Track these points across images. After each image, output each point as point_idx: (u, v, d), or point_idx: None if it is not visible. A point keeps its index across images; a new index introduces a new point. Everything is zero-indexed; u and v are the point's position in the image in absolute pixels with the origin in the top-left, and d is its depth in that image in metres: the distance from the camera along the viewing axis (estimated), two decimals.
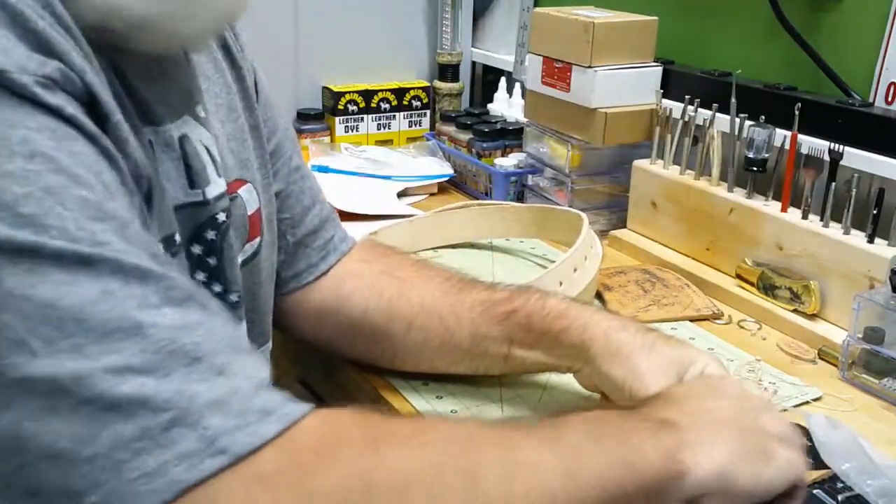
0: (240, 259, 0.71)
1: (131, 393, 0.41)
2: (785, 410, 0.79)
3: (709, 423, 0.56)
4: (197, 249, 0.64)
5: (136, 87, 0.58)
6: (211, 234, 0.65)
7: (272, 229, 0.76)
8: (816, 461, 0.70)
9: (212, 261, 0.65)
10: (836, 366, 0.87)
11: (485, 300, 0.76)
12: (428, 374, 0.83)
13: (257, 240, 0.73)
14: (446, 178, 1.38)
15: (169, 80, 0.62)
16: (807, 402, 0.81)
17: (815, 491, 0.67)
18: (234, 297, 0.68)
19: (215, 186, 0.65)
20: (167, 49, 0.59)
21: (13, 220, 0.42)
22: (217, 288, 0.66)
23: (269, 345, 0.78)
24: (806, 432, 0.74)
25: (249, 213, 0.71)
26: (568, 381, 0.80)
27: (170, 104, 0.62)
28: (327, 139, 1.52)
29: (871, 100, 1.03)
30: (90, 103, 0.49)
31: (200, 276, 0.65)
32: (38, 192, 0.43)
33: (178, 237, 0.60)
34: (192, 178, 0.63)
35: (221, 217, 0.65)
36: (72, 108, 0.46)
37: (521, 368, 0.78)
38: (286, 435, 0.45)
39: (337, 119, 1.52)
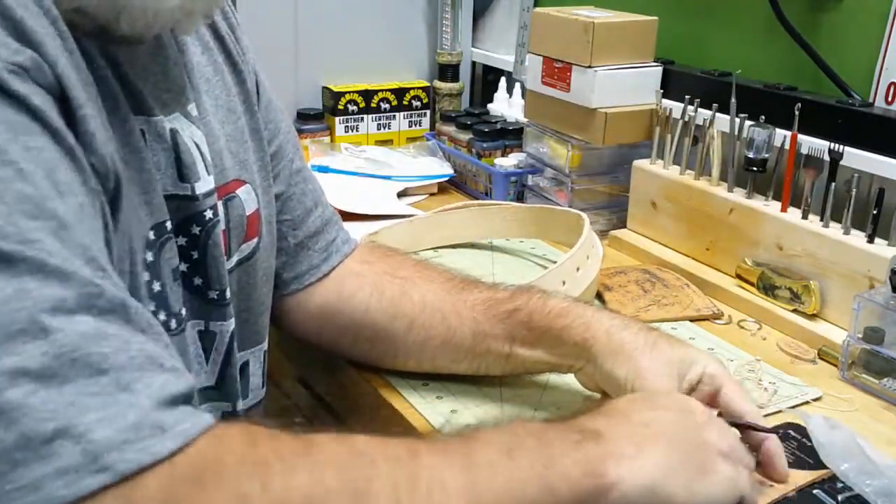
0: (235, 258, 0.71)
1: (18, 399, 0.39)
2: (779, 412, 0.79)
3: (641, 436, 0.54)
4: (181, 241, 0.64)
5: (131, 76, 0.58)
6: (196, 230, 0.65)
7: (271, 231, 0.76)
8: (815, 461, 0.70)
9: (194, 253, 0.66)
10: (836, 366, 0.87)
11: (487, 299, 0.77)
12: (428, 375, 0.83)
13: (255, 240, 0.73)
14: (446, 178, 1.38)
15: (164, 76, 0.63)
16: (807, 403, 0.81)
17: (815, 491, 0.68)
18: (214, 294, 0.67)
19: (204, 183, 0.65)
20: (150, 30, 0.58)
21: None
22: (197, 281, 0.66)
23: (264, 345, 0.78)
24: (804, 432, 0.74)
25: (248, 213, 0.71)
26: (568, 380, 0.80)
27: (163, 99, 0.62)
28: (327, 139, 1.52)
29: (871, 100, 1.03)
30: (60, 96, 0.48)
31: (183, 265, 0.65)
32: None
33: (169, 224, 0.61)
34: (182, 171, 0.63)
35: (209, 214, 0.65)
36: (38, 100, 0.46)
37: (523, 368, 0.78)
38: (174, 459, 0.42)
39: (337, 119, 1.52)
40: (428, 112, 1.61)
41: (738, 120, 1.04)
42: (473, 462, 0.49)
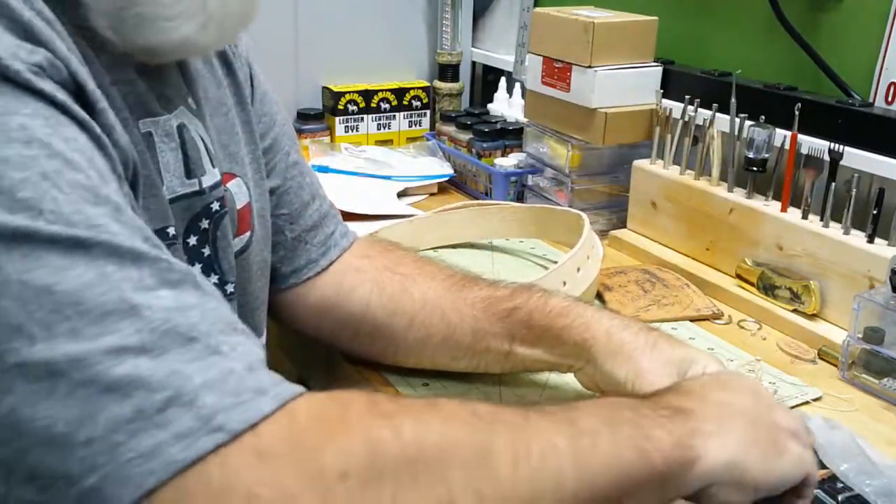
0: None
1: (127, 374, 0.41)
2: None
3: (723, 414, 0.56)
4: (192, 240, 0.64)
5: (133, 80, 0.59)
6: (205, 224, 0.65)
7: (264, 224, 0.76)
8: (815, 461, 0.70)
9: (206, 251, 0.66)
10: (836, 366, 0.87)
11: (487, 297, 0.77)
12: (428, 374, 0.83)
13: (247, 234, 0.72)
14: (446, 178, 1.38)
15: (163, 73, 0.63)
16: (807, 403, 0.81)
17: (815, 491, 0.67)
18: (230, 288, 0.68)
19: (210, 176, 0.65)
20: (164, 58, 0.60)
21: (10, 205, 0.42)
22: (213, 279, 0.66)
23: (263, 340, 0.78)
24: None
25: (238, 207, 0.71)
26: (568, 380, 0.80)
27: (167, 95, 0.62)
28: (327, 139, 1.52)
29: (871, 100, 1.03)
30: (77, 92, 0.49)
31: (196, 267, 0.65)
32: (35, 176, 0.43)
33: (171, 230, 0.60)
34: (190, 167, 0.63)
35: (216, 206, 0.66)
36: (62, 95, 0.47)
37: (522, 366, 0.78)
38: (284, 410, 0.44)
39: (337, 119, 1.52)
40: (428, 112, 1.61)
41: (738, 120, 1.04)
42: (579, 429, 0.51)
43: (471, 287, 0.78)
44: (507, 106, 1.52)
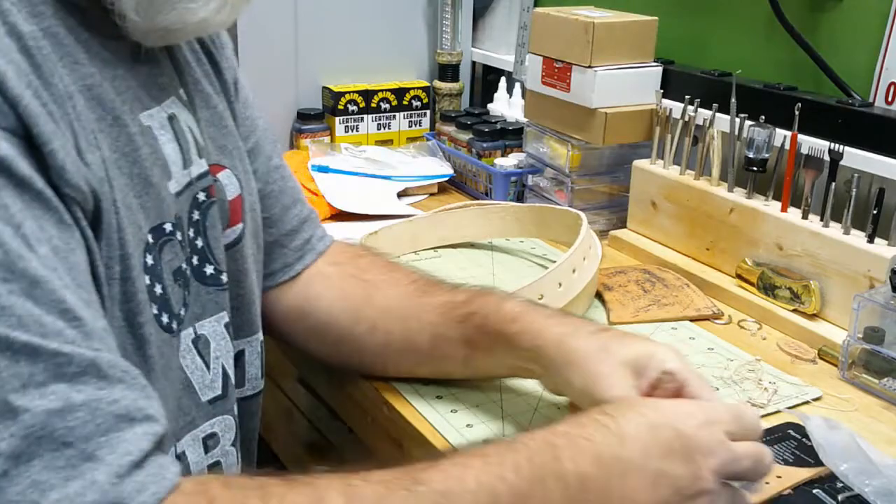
0: (222, 244, 0.71)
1: None
2: (778, 412, 0.79)
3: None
4: (190, 232, 0.65)
5: (128, 73, 0.59)
6: (196, 215, 0.66)
7: (255, 218, 0.76)
8: (815, 461, 0.70)
9: (199, 242, 0.66)
10: (836, 366, 0.87)
11: (445, 303, 0.77)
12: (440, 385, 0.83)
13: (239, 226, 0.73)
14: (446, 178, 1.38)
15: (156, 64, 0.64)
16: (806, 402, 0.81)
17: (814, 491, 0.68)
18: (225, 278, 0.68)
19: (198, 166, 0.66)
20: (156, 41, 0.61)
21: None
22: (209, 269, 0.67)
23: (260, 335, 0.78)
24: (804, 432, 0.74)
25: (230, 198, 0.71)
26: None
27: (160, 85, 0.63)
28: (327, 139, 1.51)
29: (871, 100, 1.03)
30: (25, 135, 0.48)
31: (194, 258, 0.65)
32: None
33: (168, 226, 0.61)
34: (185, 156, 0.64)
35: (202, 196, 0.66)
36: (3, 146, 0.47)
37: (484, 372, 0.78)
38: None
39: (337, 119, 1.52)
40: (428, 112, 1.61)
41: (738, 120, 1.04)
42: None
43: (432, 293, 0.78)
44: (507, 106, 1.52)
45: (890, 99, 1.01)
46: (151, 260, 0.59)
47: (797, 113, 0.97)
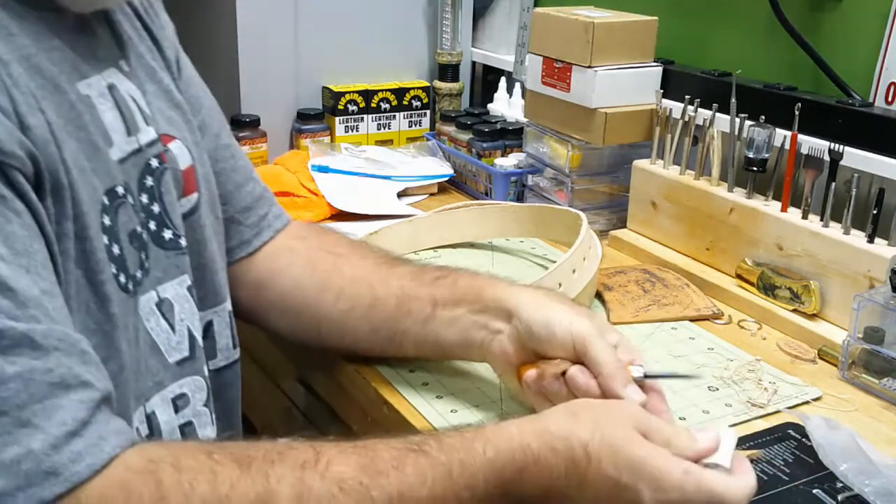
0: (179, 212, 0.72)
1: None
2: (778, 412, 0.79)
3: None
4: (144, 198, 0.66)
5: (62, 44, 0.60)
6: (150, 181, 0.67)
7: (210, 189, 0.77)
8: (815, 461, 0.70)
9: (155, 207, 0.68)
10: (836, 366, 0.87)
11: (416, 269, 0.81)
12: (428, 374, 0.83)
13: (194, 195, 0.74)
14: (446, 178, 1.38)
15: (94, 35, 0.65)
16: (806, 402, 0.81)
17: (814, 491, 0.68)
18: (184, 242, 0.70)
19: (146, 134, 0.67)
20: (85, 6, 0.63)
21: None
22: (168, 234, 0.68)
23: (227, 305, 0.79)
24: (804, 432, 0.74)
25: (182, 168, 0.73)
26: None
27: (98, 56, 0.64)
28: (327, 139, 1.51)
29: (871, 100, 1.03)
30: None
31: (151, 224, 0.67)
32: None
33: (120, 189, 0.62)
34: (128, 125, 0.65)
35: (154, 163, 0.67)
36: None
37: (437, 334, 0.77)
38: (71, 497, 0.47)
39: (337, 119, 1.52)
40: (428, 112, 1.61)
41: (738, 120, 1.04)
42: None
43: (403, 264, 0.82)
44: (507, 106, 1.52)
45: (890, 99, 1.01)
46: (109, 221, 0.61)
47: (797, 113, 0.97)
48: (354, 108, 1.53)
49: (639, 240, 1.16)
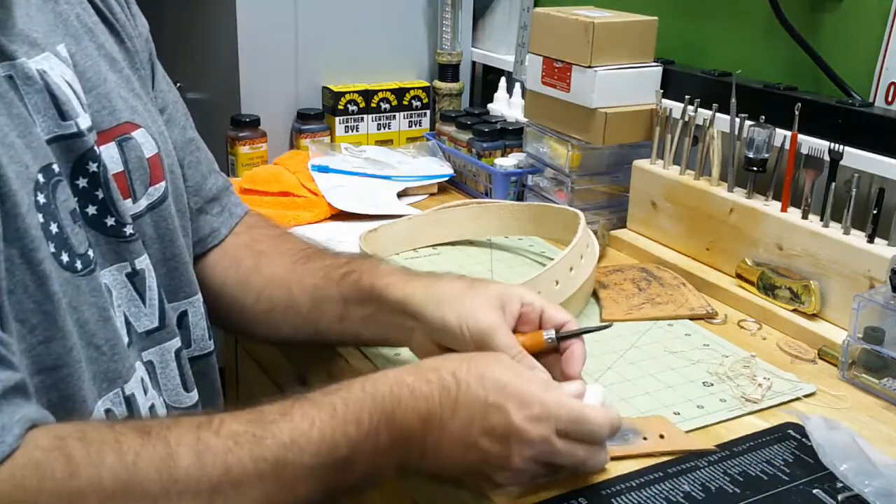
0: (144, 203, 0.73)
1: None
2: (773, 407, 0.79)
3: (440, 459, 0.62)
4: (82, 182, 0.66)
5: None
6: (93, 167, 0.67)
7: (175, 181, 0.78)
8: (815, 461, 0.70)
9: (99, 193, 0.67)
10: (836, 366, 0.87)
11: (326, 266, 0.81)
12: None
13: (162, 184, 0.75)
14: (446, 178, 1.38)
15: (28, 18, 0.65)
16: (798, 399, 0.81)
17: (814, 491, 0.67)
18: (129, 230, 0.69)
19: (84, 119, 0.66)
20: None
21: None
22: (110, 221, 0.68)
23: (199, 296, 0.80)
24: (804, 432, 0.74)
25: (147, 156, 0.73)
26: None
27: (31, 40, 0.64)
28: (327, 139, 1.51)
29: (871, 100, 1.03)
30: None
31: (91, 209, 0.67)
32: None
33: (56, 167, 0.62)
34: (61, 109, 0.64)
35: (97, 150, 0.67)
36: None
37: (356, 331, 0.80)
38: None
39: (337, 119, 1.52)
40: (428, 112, 1.61)
41: (738, 120, 1.04)
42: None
43: (316, 259, 0.83)
44: (507, 106, 1.52)
45: (890, 99, 1.01)
46: (44, 199, 0.60)
47: (797, 113, 0.97)
48: (354, 108, 1.53)
49: (639, 240, 1.16)
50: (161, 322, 0.73)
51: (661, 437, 0.72)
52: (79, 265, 0.63)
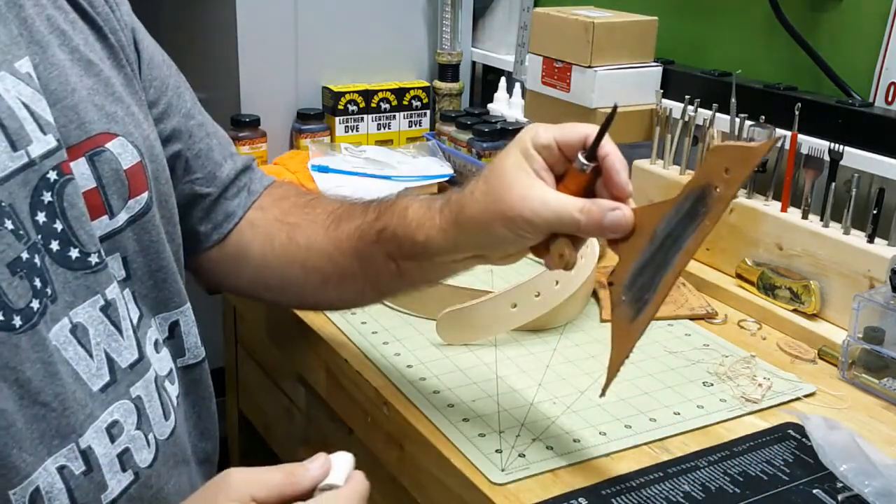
0: (124, 216, 0.67)
1: None
2: (773, 406, 0.79)
3: None
4: (41, 217, 0.60)
5: None
6: (47, 197, 0.60)
7: (160, 188, 0.72)
8: (815, 461, 0.70)
9: (58, 225, 0.61)
10: (836, 366, 0.87)
11: (359, 226, 0.77)
12: (427, 371, 0.83)
13: (144, 195, 0.69)
14: (446, 178, 1.38)
15: None
16: (798, 399, 0.81)
17: (814, 491, 0.67)
18: (94, 259, 0.64)
19: (41, 144, 0.60)
20: None
21: None
22: (74, 253, 0.62)
23: (188, 306, 0.76)
24: (804, 432, 0.74)
25: (126, 167, 0.67)
26: (564, 375, 0.80)
27: None
28: (327, 139, 1.51)
29: (871, 100, 1.03)
30: None
31: (54, 244, 0.61)
32: None
33: (2, 203, 0.57)
34: (11, 138, 0.58)
35: (53, 175, 0.61)
36: None
37: (421, 277, 0.77)
38: None
39: (337, 119, 1.52)
40: (428, 112, 1.61)
41: (738, 120, 1.04)
42: None
43: (347, 220, 0.79)
44: (507, 106, 1.52)
45: (890, 99, 1.01)
46: None
47: (797, 113, 0.97)
48: (354, 108, 1.53)
49: None
50: (139, 353, 0.68)
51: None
52: (17, 322, 0.57)
